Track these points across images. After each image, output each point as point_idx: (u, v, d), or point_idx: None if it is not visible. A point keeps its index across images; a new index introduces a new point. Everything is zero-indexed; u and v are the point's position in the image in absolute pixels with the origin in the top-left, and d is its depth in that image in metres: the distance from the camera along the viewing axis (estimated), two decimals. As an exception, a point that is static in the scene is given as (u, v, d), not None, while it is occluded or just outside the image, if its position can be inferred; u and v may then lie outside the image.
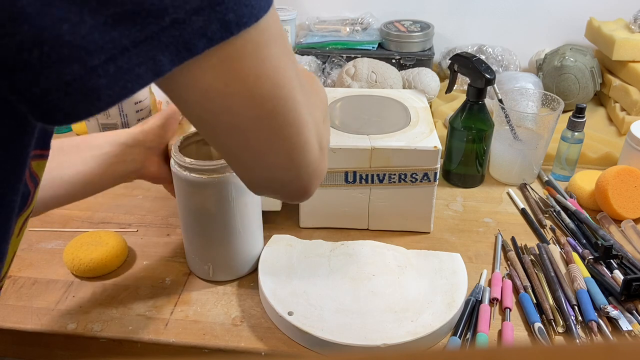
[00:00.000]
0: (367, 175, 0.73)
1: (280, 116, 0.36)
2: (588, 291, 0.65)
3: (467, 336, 0.62)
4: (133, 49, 0.28)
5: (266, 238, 0.73)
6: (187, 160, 0.61)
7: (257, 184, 0.42)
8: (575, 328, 0.61)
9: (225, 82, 0.33)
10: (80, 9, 0.26)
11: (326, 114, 0.47)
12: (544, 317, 0.63)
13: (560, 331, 0.62)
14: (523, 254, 0.73)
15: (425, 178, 0.74)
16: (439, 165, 0.73)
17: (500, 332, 0.62)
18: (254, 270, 0.70)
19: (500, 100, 0.84)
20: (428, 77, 1.08)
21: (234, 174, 0.61)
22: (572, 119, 0.85)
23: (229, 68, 0.32)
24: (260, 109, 0.35)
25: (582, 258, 0.71)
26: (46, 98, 0.27)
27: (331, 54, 1.17)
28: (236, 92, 0.33)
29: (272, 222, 0.79)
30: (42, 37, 0.26)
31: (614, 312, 0.62)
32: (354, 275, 0.67)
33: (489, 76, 0.80)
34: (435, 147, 0.72)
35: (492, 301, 0.66)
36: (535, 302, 0.65)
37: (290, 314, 0.61)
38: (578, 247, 0.74)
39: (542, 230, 0.78)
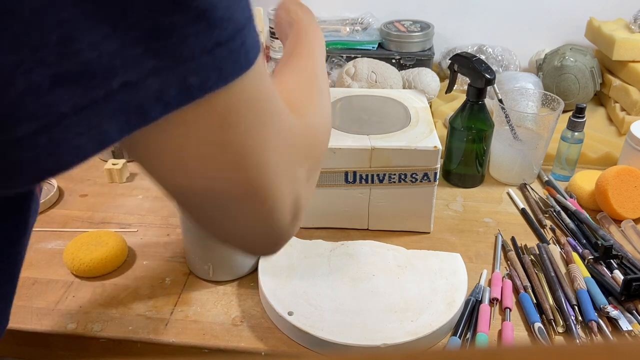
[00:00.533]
0: (367, 175, 0.73)
1: (241, 186, 0.31)
2: (588, 291, 0.65)
3: (467, 336, 0.62)
4: (73, 117, 0.23)
5: (266, 238, 0.73)
6: None
7: (218, 240, 0.37)
8: (575, 328, 0.61)
9: (181, 146, 0.28)
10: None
11: (317, 162, 0.40)
12: (544, 317, 0.63)
13: (560, 331, 0.62)
14: (523, 254, 0.73)
15: (425, 178, 0.74)
16: (439, 165, 0.73)
17: (500, 332, 0.62)
18: (254, 270, 0.70)
19: (500, 100, 0.84)
20: (428, 77, 1.08)
21: None
22: (572, 119, 0.85)
23: (187, 133, 0.27)
24: (219, 175, 0.30)
25: (582, 258, 0.71)
26: None
27: (331, 54, 1.17)
28: (192, 157, 0.28)
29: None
30: None
31: (614, 312, 0.62)
32: (354, 275, 0.67)
33: (489, 76, 0.80)
34: (435, 147, 0.72)
35: (492, 301, 0.66)
36: (535, 302, 0.65)
37: (290, 314, 0.61)
38: (578, 247, 0.74)
39: (542, 230, 0.78)
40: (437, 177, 0.74)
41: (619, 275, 0.68)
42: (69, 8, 0.22)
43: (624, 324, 0.61)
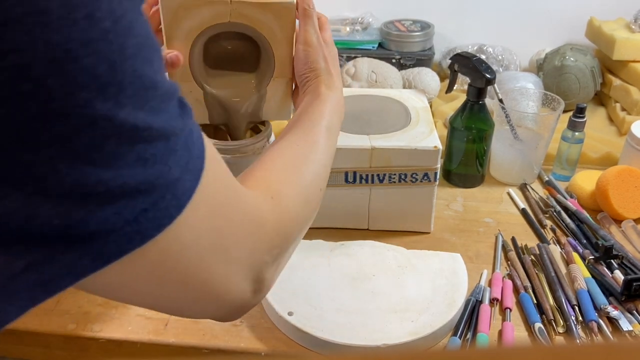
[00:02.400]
0: (367, 175, 0.73)
1: (194, 292, 0.32)
2: (588, 291, 0.65)
3: (468, 336, 0.62)
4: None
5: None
6: (213, 140, 0.62)
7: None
8: (576, 328, 0.61)
9: (126, 283, 0.29)
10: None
11: (289, 247, 0.40)
12: (544, 317, 0.63)
13: (561, 331, 0.62)
14: (523, 254, 0.73)
15: (425, 178, 0.73)
16: (439, 165, 0.73)
17: (500, 333, 0.62)
18: None
19: (501, 100, 0.84)
20: (428, 77, 1.08)
21: (253, 155, 0.62)
22: (572, 118, 0.85)
23: (132, 272, 0.29)
24: (170, 293, 0.32)
25: (583, 258, 0.71)
26: None
27: (331, 54, 1.17)
28: (142, 287, 0.30)
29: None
30: None
31: (614, 312, 0.62)
32: (354, 275, 0.67)
33: (489, 76, 0.80)
34: (435, 147, 0.72)
35: (493, 301, 0.66)
36: (535, 302, 0.65)
37: (290, 314, 0.61)
38: (578, 247, 0.74)
39: (542, 230, 0.78)
40: (438, 177, 0.74)
41: (619, 275, 0.68)
42: None
43: (625, 324, 0.61)
